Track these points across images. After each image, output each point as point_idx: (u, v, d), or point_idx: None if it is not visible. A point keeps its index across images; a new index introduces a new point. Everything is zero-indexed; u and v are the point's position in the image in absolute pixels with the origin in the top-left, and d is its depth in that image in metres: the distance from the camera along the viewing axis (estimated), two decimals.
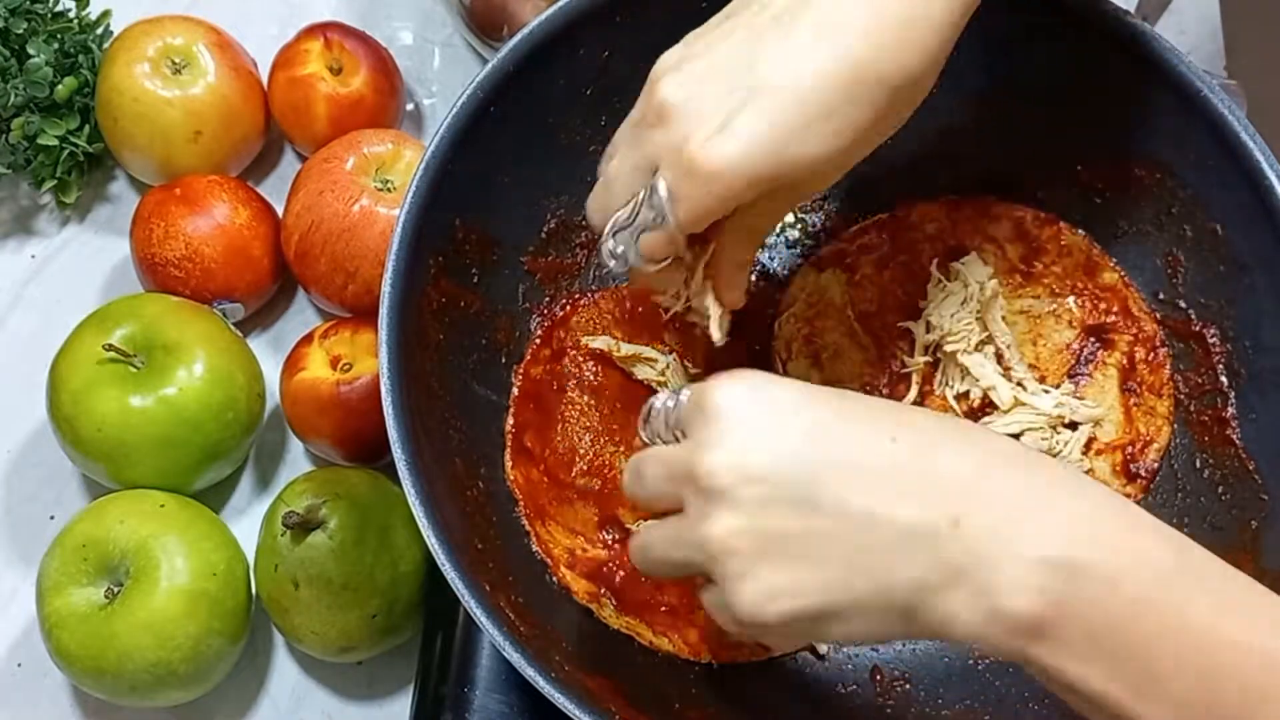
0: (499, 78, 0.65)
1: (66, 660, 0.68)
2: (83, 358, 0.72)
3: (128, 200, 0.85)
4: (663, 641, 0.66)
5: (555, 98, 0.68)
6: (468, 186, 0.65)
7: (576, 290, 0.73)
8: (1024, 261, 0.72)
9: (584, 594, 0.67)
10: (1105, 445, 0.69)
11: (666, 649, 0.66)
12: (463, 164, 0.64)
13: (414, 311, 0.63)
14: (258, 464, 0.80)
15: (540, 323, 0.72)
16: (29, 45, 0.80)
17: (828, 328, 0.72)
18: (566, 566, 0.67)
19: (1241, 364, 0.66)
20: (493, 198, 0.68)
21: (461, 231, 0.67)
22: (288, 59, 0.82)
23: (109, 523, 0.69)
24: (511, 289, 0.71)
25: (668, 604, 0.67)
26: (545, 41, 0.65)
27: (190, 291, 0.77)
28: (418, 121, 0.88)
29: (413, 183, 0.63)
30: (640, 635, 0.66)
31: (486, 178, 0.67)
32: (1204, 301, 0.68)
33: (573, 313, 0.72)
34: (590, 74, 0.68)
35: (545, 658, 0.57)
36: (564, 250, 0.73)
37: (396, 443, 0.58)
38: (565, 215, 0.72)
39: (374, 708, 0.74)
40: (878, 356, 0.72)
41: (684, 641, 0.66)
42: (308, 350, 0.75)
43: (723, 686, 0.66)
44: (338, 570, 0.68)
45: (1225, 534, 0.65)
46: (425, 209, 0.63)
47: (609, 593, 0.67)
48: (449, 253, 0.66)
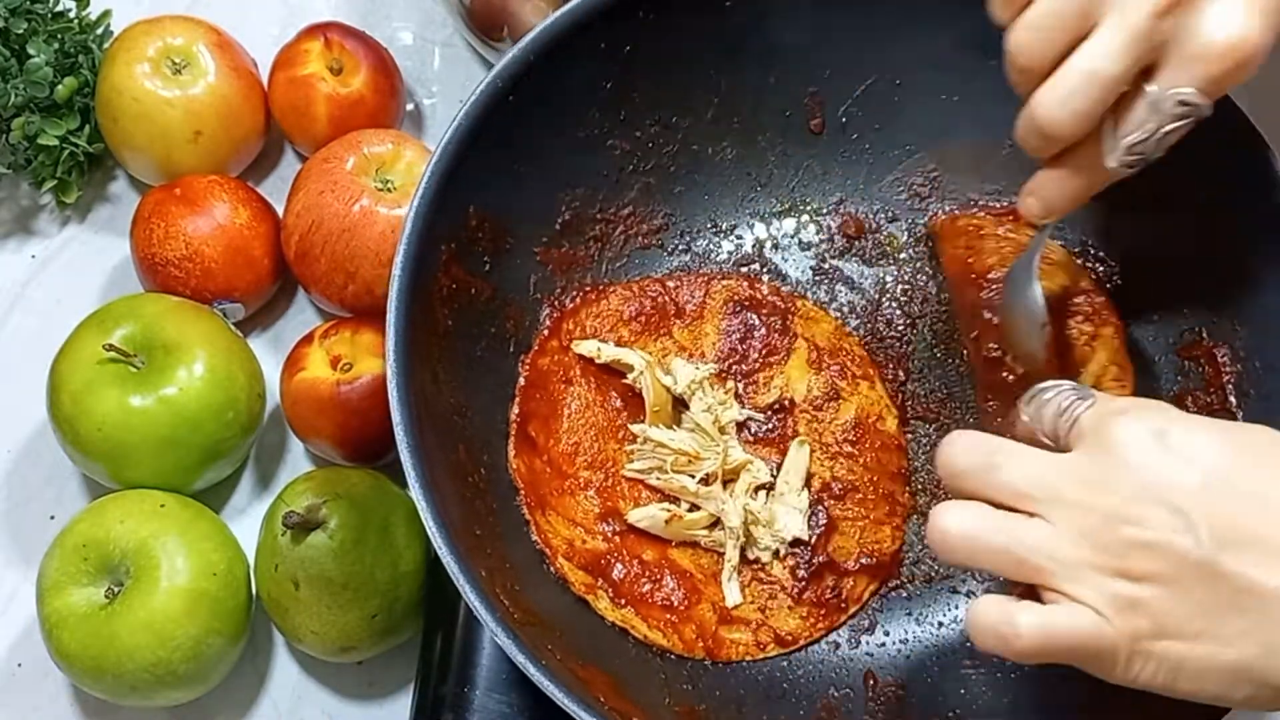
0: (518, 68, 0.65)
1: (66, 660, 0.68)
2: (83, 358, 0.72)
3: (128, 200, 0.85)
4: (657, 636, 0.66)
5: (574, 90, 0.68)
6: (483, 174, 0.65)
7: (588, 282, 0.73)
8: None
9: (580, 585, 0.67)
10: None
11: (660, 644, 0.66)
12: (479, 152, 0.64)
13: (423, 297, 0.63)
14: (258, 464, 0.80)
15: (550, 314, 0.72)
16: (29, 45, 0.80)
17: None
18: (564, 557, 0.67)
19: (1251, 384, 0.66)
20: (508, 187, 0.68)
21: (475, 219, 0.67)
22: (288, 59, 0.82)
23: (109, 523, 0.69)
24: (523, 278, 0.71)
25: (664, 599, 0.67)
26: (567, 33, 0.65)
27: (190, 291, 0.77)
28: (418, 122, 0.88)
29: (428, 168, 0.62)
30: (635, 629, 0.66)
31: (502, 167, 0.67)
32: (1215, 320, 0.68)
33: (582, 305, 0.72)
34: (611, 68, 0.69)
35: (537, 645, 0.58)
36: (577, 242, 0.73)
37: (399, 426, 0.58)
38: (580, 207, 0.72)
39: (374, 708, 0.74)
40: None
41: (679, 638, 0.66)
42: (308, 350, 0.75)
43: (713, 684, 0.66)
44: (338, 570, 0.68)
45: None
46: (440, 195, 0.63)
47: (606, 585, 0.67)
48: (461, 239, 0.66)
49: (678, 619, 0.67)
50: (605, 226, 0.73)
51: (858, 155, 0.75)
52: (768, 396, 0.72)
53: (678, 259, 0.76)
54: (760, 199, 0.76)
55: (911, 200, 0.76)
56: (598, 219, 0.73)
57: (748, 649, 0.68)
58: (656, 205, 0.75)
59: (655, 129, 0.72)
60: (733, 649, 0.67)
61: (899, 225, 0.77)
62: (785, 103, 0.74)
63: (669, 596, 0.67)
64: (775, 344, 0.73)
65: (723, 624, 0.68)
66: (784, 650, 0.68)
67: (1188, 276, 0.69)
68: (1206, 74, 0.52)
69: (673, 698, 0.64)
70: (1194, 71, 0.52)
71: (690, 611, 0.67)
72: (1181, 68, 0.52)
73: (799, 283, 0.76)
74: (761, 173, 0.76)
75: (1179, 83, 0.52)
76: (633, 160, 0.73)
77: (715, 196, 0.76)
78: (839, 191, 0.76)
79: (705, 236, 0.76)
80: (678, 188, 0.75)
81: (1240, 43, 0.51)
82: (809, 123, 0.75)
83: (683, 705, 0.64)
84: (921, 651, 0.69)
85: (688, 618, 0.67)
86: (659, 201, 0.75)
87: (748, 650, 0.68)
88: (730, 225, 0.76)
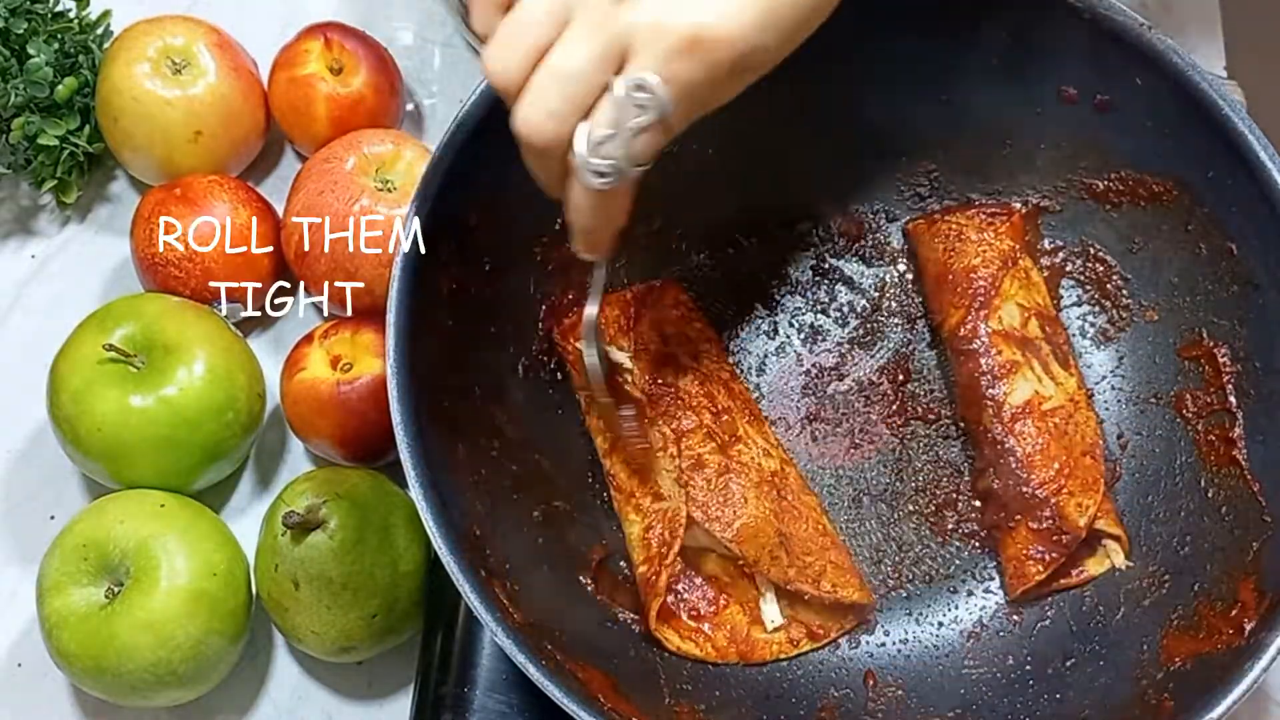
0: None
1: (66, 660, 0.68)
2: (83, 358, 0.72)
3: (128, 200, 0.85)
4: (690, 647, 0.67)
5: None
6: (483, 174, 0.65)
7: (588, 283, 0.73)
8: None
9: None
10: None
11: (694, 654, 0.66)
12: (479, 151, 0.64)
13: (423, 297, 0.63)
14: (258, 464, 0.80)
15: (549, 314, 0.72)
16: (29, 45, 0.80)
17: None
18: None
19: (1251, 385, 0.66)
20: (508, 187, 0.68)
21: (475, 218, 0.67)
22: (288, 59, 0.82)
23: (109, 523, 0.69)
24: (523, 279, 0.71)
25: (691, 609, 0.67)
26: None
27: (190, 291, 0.77)
28: (418, 122, 0.88)
29: (428, 167, 0.63)
30: (668, 641, 0.67)
31: (503, 166, 0.67)
32: (1216, 320, 0.68)
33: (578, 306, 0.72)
34: None
35: (537, 646, 0.58)
36: None
37: (399, 426, 0.59)
38: None
39: (374, 708, 0.74)
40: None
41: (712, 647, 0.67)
42: (308, 350, 0.75)
43: (713, 684, 0.66)
44: (338, 570, 0.68)
45: (1226, 555, 0.65)
46: (440, 195, 0.63)
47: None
48: (462, 239, 0.66)
49: (711, 627, 0.67)
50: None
51: (858, 155, 0.75)
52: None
53: (678, 259, 0.76)
54: (760, 199, 0.76)
55: (911, 200, 0.76)
56: None
57: (781, 647, 0.68)
58: (656, 205, 0.75)
59: None
60: (766, 649, 0.67)
61: (899, 225, 0.77)
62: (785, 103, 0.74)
63: (695, 606, 0.67)
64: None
65: (754, 624, 0.68)
66: (816, 645, 0.68)
67: (1188, 277, 0.69)
68: (663, 59, 0.49)
69: (673, 698, 0.64)
70: (651, 56, 0.49)
71: (719, 617, 0.67)
72: (642, 54, 0.50)
73: (799, 283, 0.76)
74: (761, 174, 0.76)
75: (638, 69, 0.50)
76: None
77: (715, 197, 0.76)
78: (839, 191, 0.76)
79: (705, 237, 0.76)
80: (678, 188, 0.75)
81: (700, 28, 0.49)
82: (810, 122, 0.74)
83: (683, 705, 0.64)
84: (921, 651, 0.69)
85: (718, 624, 0.67)
86: (659, 202, 0.75)
87: (781, 648, 0.68)
88: (730, 226, 0.76)
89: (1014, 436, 0.70)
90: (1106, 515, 0.69)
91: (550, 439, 0.71)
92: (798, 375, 0.75)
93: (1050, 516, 0.68)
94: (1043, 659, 0.67)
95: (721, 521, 0.67)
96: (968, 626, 0.70)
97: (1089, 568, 0.69)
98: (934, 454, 0.73)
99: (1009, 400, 0.70)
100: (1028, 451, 0.69)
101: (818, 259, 0.76)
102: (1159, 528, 0.68)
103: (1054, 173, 0.73)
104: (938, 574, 0.71)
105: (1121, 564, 0.69)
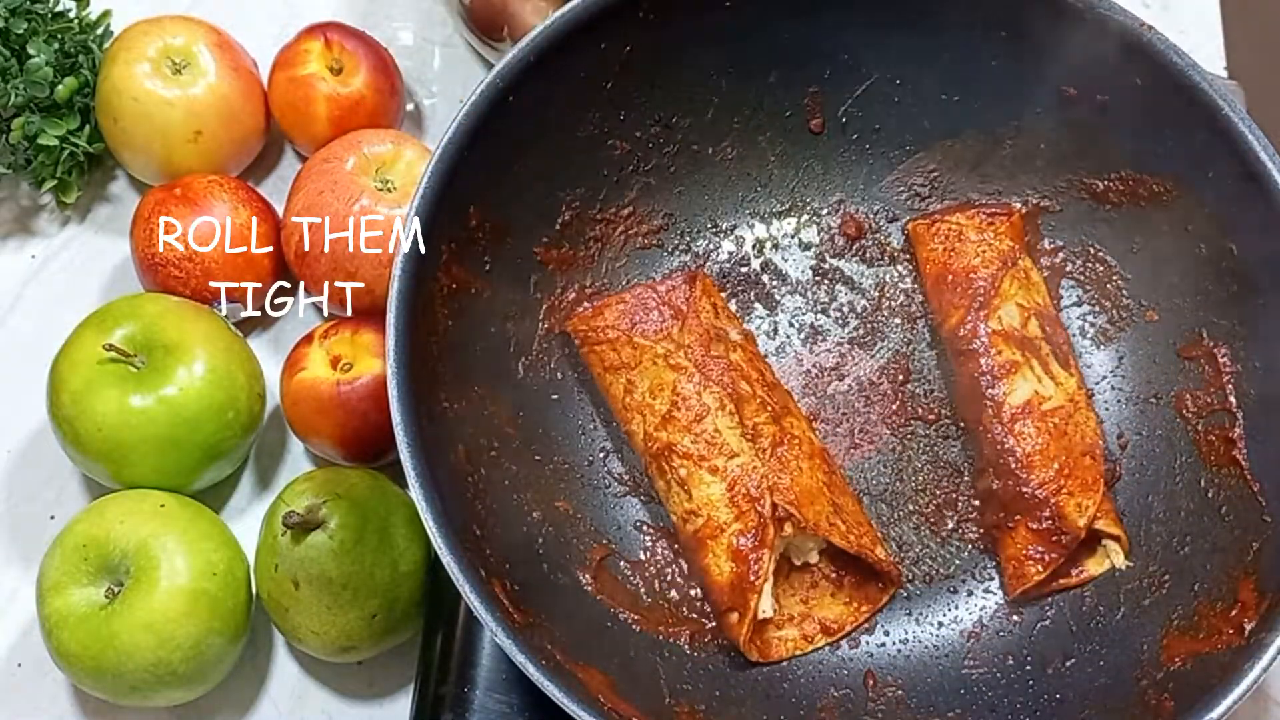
0: (518, 68, 0.65)
1: (66, 660, 0.68)
2: (83, 358, 0.72)
3: (128, 200, 0.85)
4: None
5: (574, 90, 0.68)
6: (483, 174, 0.66)
7: (588, 282, 0.73)
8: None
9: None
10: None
11: None
12: (479, 151, 0.64)
13: (423, 297, 0.63)
14: (258, 464, 0.80)
15: (549, 313, 0.72)
16: (29, 45, 0.80)
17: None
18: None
19: (1251, 385, 0.66)
20: (508, 187, 0.68)
21: (475, 219, 0.67)
22: (288, 59, 0.82)
23: (109, 523, 0.69)
24: (523, 279, 0.71)
25: None
26: (566, 33, 0.66)
27: (190, 291, 0.77)
28: (418, 122, 0.88)
29: (428, 168, 0.63)
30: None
31: (502, 167, 0.67)
32: (1216, 320, 0.68)
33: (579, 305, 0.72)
34: (611, 68, 0.69)
35: (537, 646, 0.58)
36: (577, 242, 0.73)
37: (399, 426, 0.59)
38: (580, 207, 0.72)
39: (374, 708, 0.74)
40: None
41: None
42: (308, 350, 0.75)
43: (713, 684, 0.66)
44: (338, 570, 0.68)
45: (1226, 555, 0.65)
46: (440, 195, 0.63)
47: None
48: (461, 239, 0.66)
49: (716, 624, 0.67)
50: (605, 227, 0.73)
51: (858, 155, 0.76)
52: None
53: (678, 259, 0.76)
54: (760, 199, 0.76)
55: (911, 200, 0.76)
56: (598, 219, 0.73)
57: (796, 644, 0.68)
58: (656, 205, 0.75)
59: (655, 129, 0.73)
60: (781, 647, 0.67)
61: (899, 225, 0.77)
62: (785, 103, 0.74)
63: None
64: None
65: (766, 623, 0.68)
66: (830, 640, 0.68)
67: (1188, 277, 0.69)
68: None
69: (673, 698, 0.64)
70: None
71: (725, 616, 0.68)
72: None
73: (799, 283, 0.76)
74: (762, 173, 0.76)
75: None
76: (633, 160, 0.73)
77: (715, 196, 0.76)
78: (839, 191, 0.76)
79: (705, 237, 0.76)
80: (678, 188, 0.75)
81: None
82: (809, 123, 0.75)
83: (683, 705, 0.64)
84: (921, 651, 0.69)
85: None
86: (659, 201, 0.75)
87: (796, 645, 0.68)
88: (730, 225, 0.76)
89: (1014, 436, 0.70)
90: (1106, 515, 0.69)
91: (550, 439, 0.72)
92: (798, 375, 0.75)
93: (1050, 517, 0.68)
94: (1043, 659, 0.67)
95: (781, 488, 0.67)
96: (967, 626, 0.70)
97: (1089, 568, 0.69)
98: (934, 454, 0.73)
99: (1009, 400, 0.70)
100: (1027, 451, 0.69)
101: (818, 259, 0.77)
102: (1159, 528, 0.68)
103: (1054, 173, 0.73)
104: (937, 574, 0.71)
105: (1121, 564, 0.69)
